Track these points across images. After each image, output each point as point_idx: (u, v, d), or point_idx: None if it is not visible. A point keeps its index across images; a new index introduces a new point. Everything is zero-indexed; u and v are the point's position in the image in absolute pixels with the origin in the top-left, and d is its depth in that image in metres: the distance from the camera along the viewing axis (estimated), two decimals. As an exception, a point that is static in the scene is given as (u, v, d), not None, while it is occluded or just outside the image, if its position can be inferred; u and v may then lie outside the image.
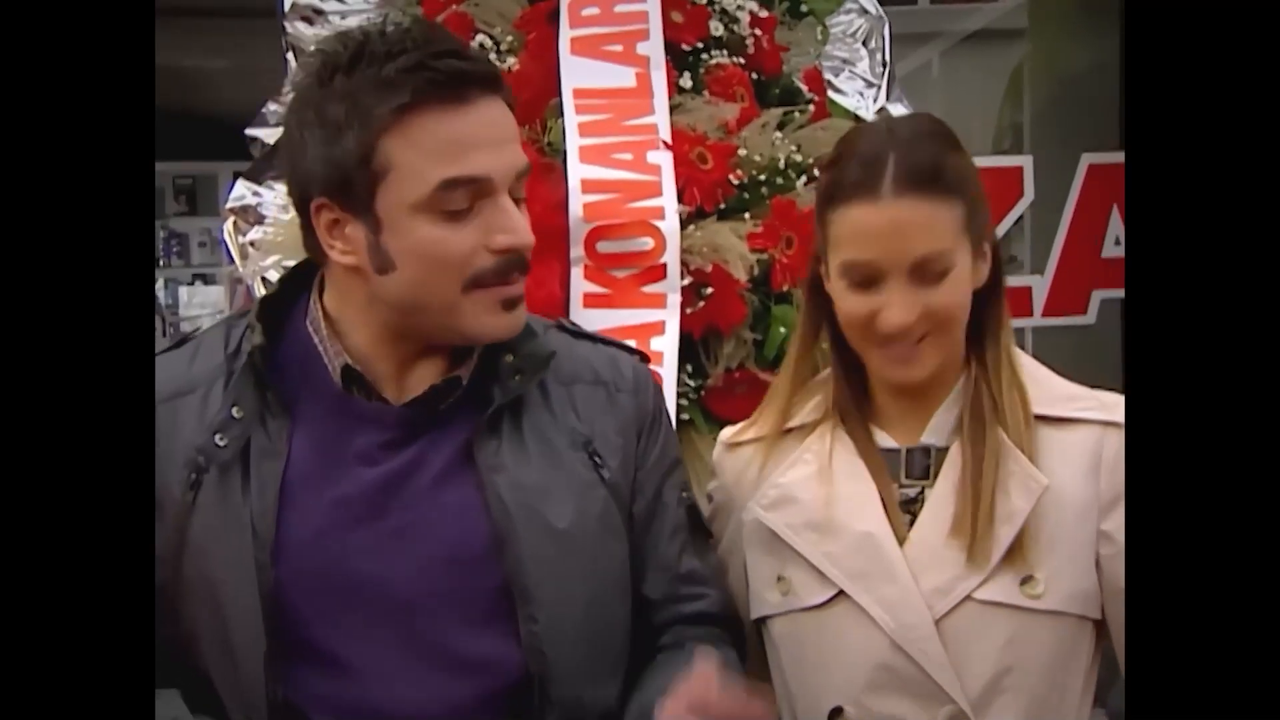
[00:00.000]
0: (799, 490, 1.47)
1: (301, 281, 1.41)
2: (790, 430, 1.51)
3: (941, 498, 1.42)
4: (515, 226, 1.30)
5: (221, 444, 1.31)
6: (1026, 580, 1.38)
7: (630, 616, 1.42)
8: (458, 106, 1.27)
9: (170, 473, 1.31)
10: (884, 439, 1.47)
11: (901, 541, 1.41)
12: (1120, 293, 3.50)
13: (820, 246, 1.46)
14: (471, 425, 1.35)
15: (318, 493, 1.31)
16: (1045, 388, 1.45)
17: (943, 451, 1.44)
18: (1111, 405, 1.41)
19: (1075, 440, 1.42)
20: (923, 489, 1.44)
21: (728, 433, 1.60)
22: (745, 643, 1.50)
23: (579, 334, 1.51)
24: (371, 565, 1.30)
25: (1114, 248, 3.51)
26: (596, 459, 1.39)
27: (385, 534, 1.31)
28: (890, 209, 1.36)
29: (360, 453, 1.33)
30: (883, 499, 1.43)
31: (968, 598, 1.38)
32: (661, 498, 1.45)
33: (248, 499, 1.30)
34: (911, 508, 1.44)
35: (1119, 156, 3.50)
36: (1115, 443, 1.39)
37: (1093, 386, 1.48)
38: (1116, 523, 1.38)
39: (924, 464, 1.44)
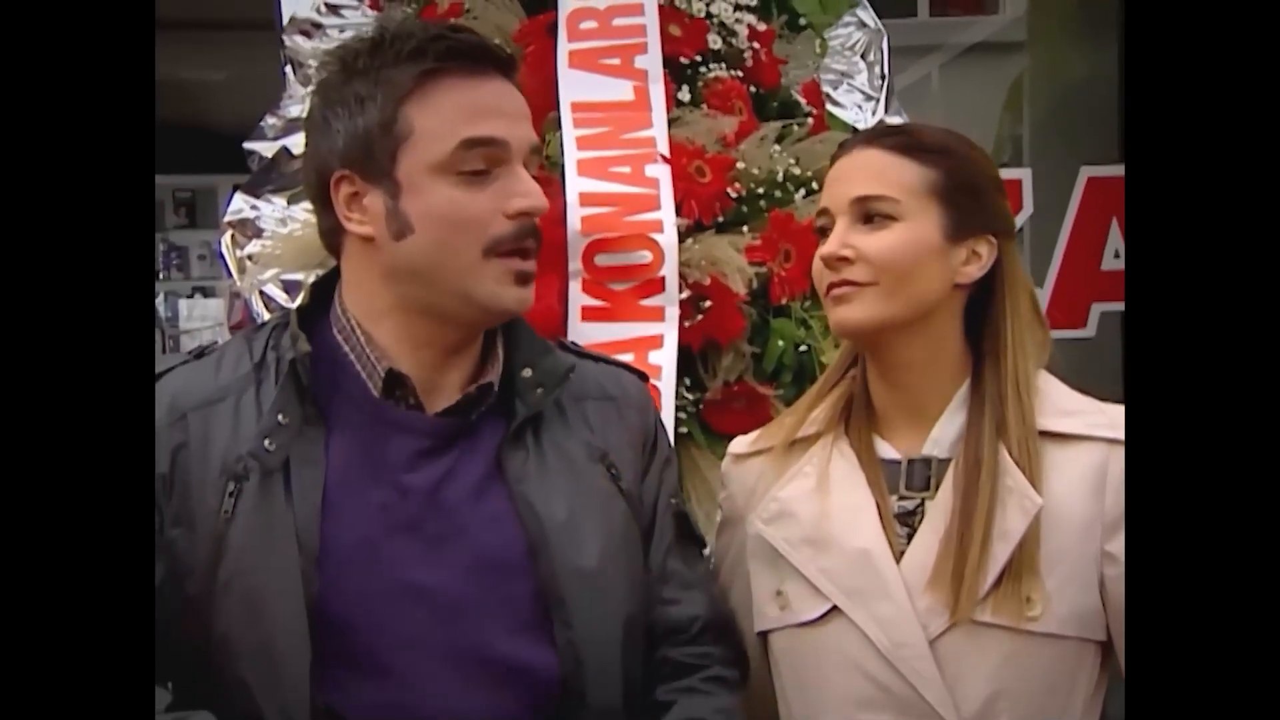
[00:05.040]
0: (797, 504, 1.47)
1: (326, 292, 1.44)
2: (795, 442, 1.51)
3: (939, 513, 1.41)
4: (530, 190, 1.36)
5: (271, 449, 1.32)
6: (1022, 602, 1.36)
7: None
8: (476, 77, 1.35)
9: (205, 481, 1.33)
10: (886, 449, 1.46)
11: (899, 557, 1.41)
12: (1119, 305, 3.49)
13: None
14: (497, 437, 1.38)
15: (359, 501, 1.34)
16: (1052, 401, 1.44)
17: (944, 463, 1.43)
18: (1118, 422, 1.38)
19: (1080, 457, 1.40)
20: (922, 501, 1.43)
21: (737, 444, 1.61)
22: (739, 648, 1.51)
23: (583, 354, 1.55)
24: (414, 572, 1.33)
25: (1114, 260, 3.49)
26: (613, 470, 1.43)
27: (426, 542, 1.34)
28: (850, 157, 1.45)
29: (398, 461, 1.35)
30: (880, 512, 1.42)
31: (963, 618, 1.37)
32: (656, 505, 1.48)
33: (290, 508, 1.32)
34: (911, 521, 1.43)
35: (1118, 169, 3.49)
36: (1121, 461, 1.37)
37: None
38: (1122, 543, 1.36)
39: (925, 475, 1.43)
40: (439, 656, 1.32)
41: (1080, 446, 1.41)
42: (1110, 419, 1.40)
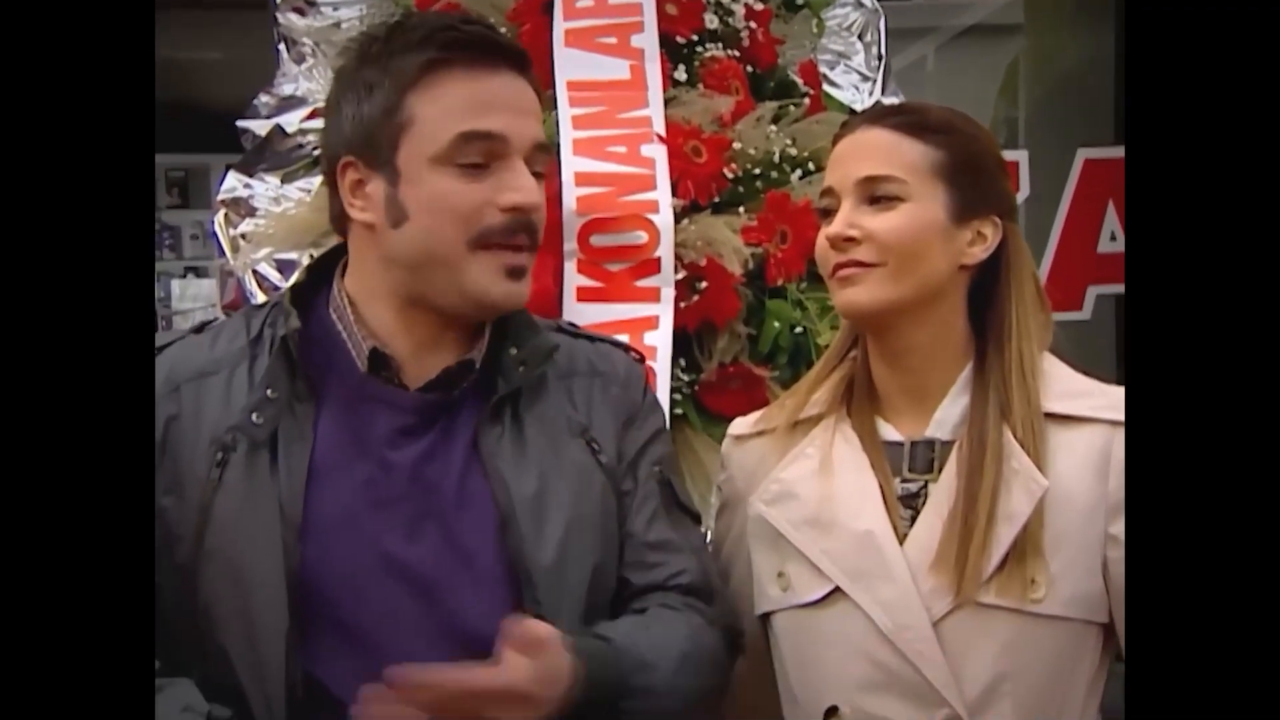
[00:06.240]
0: (799, 485, 1.46)
1: (324, 272, 1.46)
2: (797, 424, 1.51)
3: (943, 495, 1.40)
4: (525, 186, 1.35)
5: (258, 422, 1.34)
6: (1026, 583, 1.36)
7: None
8: (482, 70, 1.36)
9: (195, 451, 1.35)
10: (889, 431, 1.46)
11: (902, 539, 1.40)
12: (1115, 288, 3.50)
13: None
14: (478, 415, 1.39)
15: (344, 476, 1.35)
16: (1056, 383, 1.43)
17: (947, 446, 1.42)
18: (1122, 404, 1.36)
19: (1084, 439, 1.39)
20: (926, 483, 1.42)
21: (737, 426, 1.60)
22: (727, 615, 1.49)
23: (577, 334, 1.55)
24: (393, 548, 1.34)
25: (1109, 243, 3.50)
26: (594, 445, 1.43)
27: (407, 518, 1.35)
28: (854, 137, 1.45)
29: (382, 438, 1.37)
30: (884, 494, 1.42)
31: (966, 599, 1.36)
32: (638, 473, 1.47)
33: (276, 480, 1.33)
34: (914, 503, 1.42)
35: (1115, 151, 3.49)
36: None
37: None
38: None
39: (928, 457, 1.43)
40: (416, 632, 1.33)
41: (1084, 429, 1.40)
42: (1113, 401, 1.39)
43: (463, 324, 1.41)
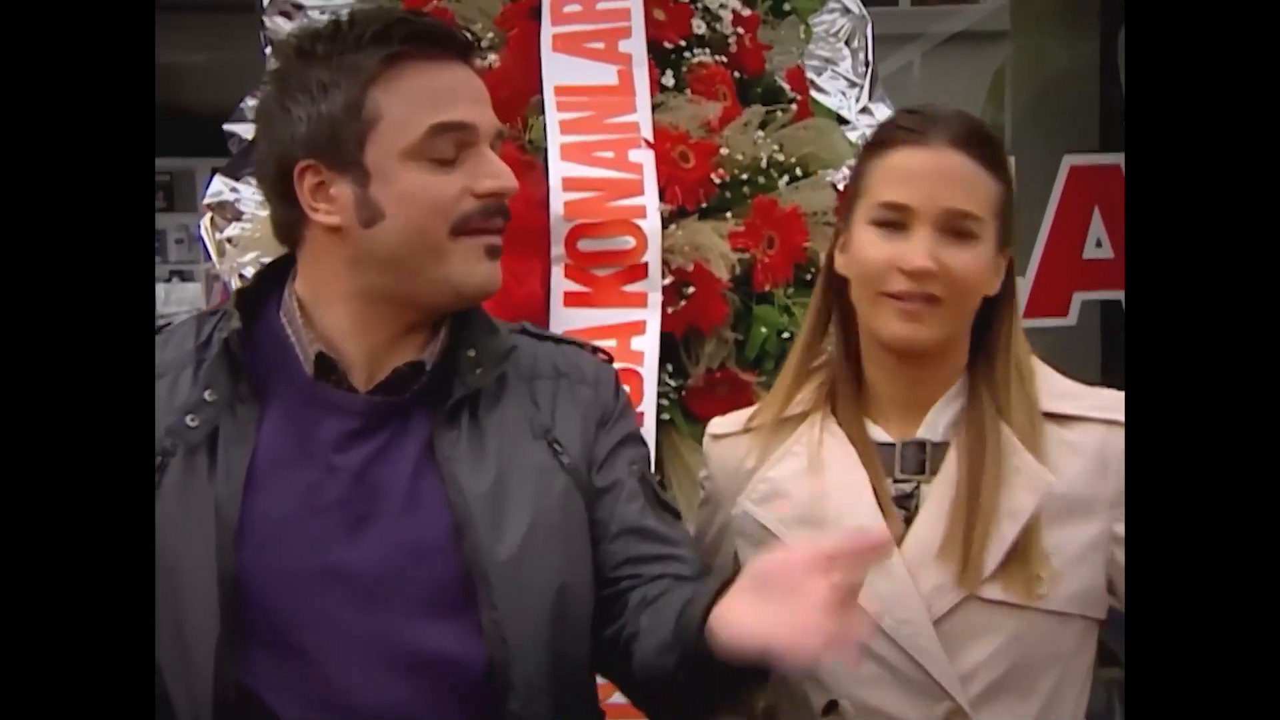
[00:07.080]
0: (789, 484, 1.46)
1: (276, 277, 1.43)
2: (782, 421, 1.50)
3: (941, 494, 1.40)
4: (499, 171, 1.36)
5: (192, 424, 1.32)
6: (1031, 579, 1.37)
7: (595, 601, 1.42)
8: (438, 62, 1.36)
9: None
10: (877, 432, 1.46)
11: (897, 538, 1.40)
12: (1100, 294, 3.51)
13: (849, 200, 1.46)
14: (433, 418, 1.37)
15: (284, 480, 1.33)
16: (1047, 385, 1.44)
17: (940, 447, 1.42)
18: (1113, 405, 1.39)
19: (1079, 438, 1.41)
20: (917, 485, 1.42)
21: (715, 425, 1.59)
22: None
23: (542, 336, 1.53)
24: (335, 553, 1.31)
25: (1095, 249, 3.52)
26: (556, 446, 1.40)
27: (350, 523, 1.32)
28: (937, 155, 1.38)
29: (328, 442, 1.34)
30: (876, 492, 1.42)
31: (971, 595, 1.37)
32: (616, 473, 1.44)
33: (213, 483, 1.31)
34: (907, 504, 1.42)
35: (1100, 158, 3.51)
36: (1119, 442, 1.37)
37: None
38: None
39: (918, 459, 1.43)
40: (357, 639, 1.30)
41: (1078, 427, 1.41)
42: (1104, 402, 1.41)
43: (423, 326, 1.39)
